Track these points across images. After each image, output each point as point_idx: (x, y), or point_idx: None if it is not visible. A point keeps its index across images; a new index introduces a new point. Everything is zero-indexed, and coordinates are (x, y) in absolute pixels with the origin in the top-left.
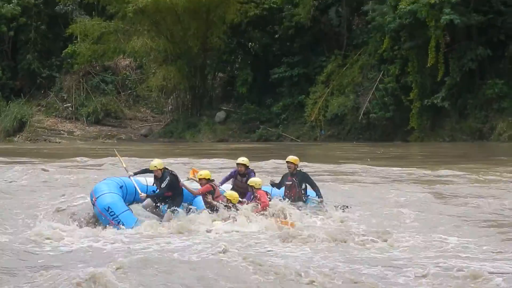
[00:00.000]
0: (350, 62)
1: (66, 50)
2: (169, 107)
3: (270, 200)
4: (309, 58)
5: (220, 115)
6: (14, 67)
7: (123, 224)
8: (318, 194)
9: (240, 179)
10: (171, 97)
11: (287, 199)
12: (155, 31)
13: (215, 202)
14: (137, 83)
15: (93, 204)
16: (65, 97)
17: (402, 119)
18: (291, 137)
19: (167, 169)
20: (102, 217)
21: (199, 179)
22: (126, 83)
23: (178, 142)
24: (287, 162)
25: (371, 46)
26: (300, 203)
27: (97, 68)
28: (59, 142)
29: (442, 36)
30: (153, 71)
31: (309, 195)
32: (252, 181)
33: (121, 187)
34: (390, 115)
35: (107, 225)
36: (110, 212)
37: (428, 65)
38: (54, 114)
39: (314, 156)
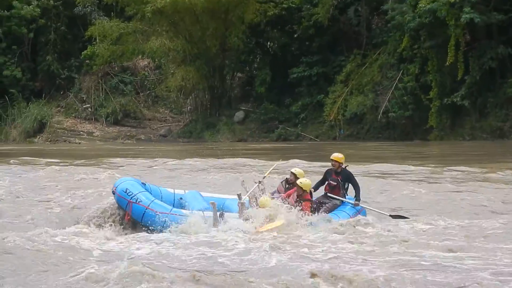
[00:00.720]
0: (369, 62)
1: (86, 51)
2: (188, 107)
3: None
4: (328, 58)
5: (239, 115)
6: (34, 68)
7: (140, 201)
8: (357, 196)
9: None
10: (190, 97)
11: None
12: (174, 32)
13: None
14: (156, 83)
15: (113, 193)
16: (84, 98)
17: (421, 118)
18: (310, 136)
19: None
20: (121, 199)
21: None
22: (145, 83)
23: (197, 142)
24: (331, 159)
25: (391, 45)
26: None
27: (116, 69)
28: (79, 143)
29: (462, 35)
30: (172, 71)
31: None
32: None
33: (143, 184)
34: (410, 114)
35: (125, 208)
36: (128, 192)
37: (447, 63)
38: (73, 115)
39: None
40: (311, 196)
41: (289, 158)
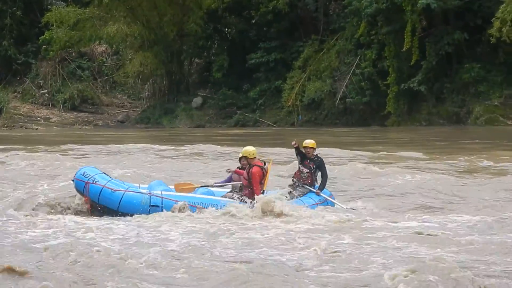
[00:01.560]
0: (327, 47)
1: (43, 36)
2: (146, 93)
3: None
4: (286, 44)
5: (197, 100)
6: None
7: (97, 182)
8: (322, 185)
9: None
10: (148, 83)
11: (295, 182)
12: (131, 17)
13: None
14: (114, 69)
15: (73, 181)
16: (41, 84)
17: (379, 103)
18: (268, 122)
19: None
20: (79, 182)
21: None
22: (103, 69)
23: (155, 128)
24: (306, 147)
25: (348, 31)
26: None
27: (73, 54)
28: (36, 129)
29: (419, 21)
30: (130, 57)
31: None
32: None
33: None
34: (367, 99)
35: (83, 191)
36: (86, 175)
37: (404, 49)
38: (30, 100)
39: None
40: (264, 164)
41: (252, 144)
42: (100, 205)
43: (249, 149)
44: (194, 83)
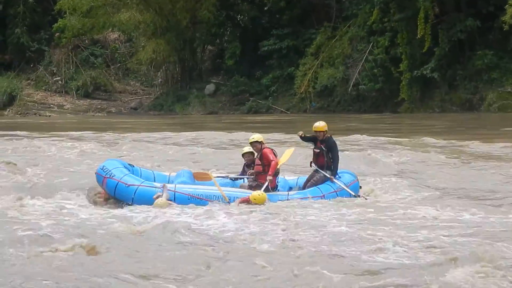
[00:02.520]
0: (340, 34)
1: (57, 24)
2: (159, 80)
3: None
4: (299, 31)
5: (210, 87)
6: (3, 41)
7: (113, 176)
8: (333, 169)
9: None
10: (161, 70)
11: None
12: (144, 4)
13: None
14: (127, 56)
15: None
16: (54, 71)
17: (392, 90)
18: (281, 109)
19: None
20: (98, 176)
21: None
22: (116, 56)
23: (168, 115)
24: (315, 131)
25: (360, 18)
26: (329, 172)
27: (86, 41)
28: (49, 116)
29: (431, 8)
30: (143, 44)
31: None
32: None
33: (125, 167)
34: (380, 86)
35: (101, 185)
36: (104, 169)
37: (418, 36)
38: (43, 88)
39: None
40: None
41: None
42: (117, 199)
43: (255, 135)
44: (206, 70)
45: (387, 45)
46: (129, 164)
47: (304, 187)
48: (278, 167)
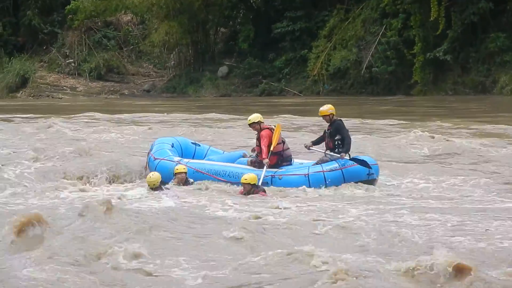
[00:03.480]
0: (353, 16)
1: (69, 6)
2: (172, 63)
3: None
4: (311, 13)
5: (223, 70)
6: (16, 23)
7: (150, 151)
8: (343, 148)
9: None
10: (174, 53)
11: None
12: None
13: None
14: (140, 38)
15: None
16: (67, 53)
17: (404, 73)
18: (294, 91)
19: None
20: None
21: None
22: (128, 38)
23: (181, 97)
24: (321, 116)
25: (373, 0)
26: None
27: (99, 24)
28: (60, 98)
29: None
30: (155, 26)
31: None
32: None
33: (172, 145)
34: (393, 69)
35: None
36: (151, 146)
37: (431, 18)
38: (56, 70)
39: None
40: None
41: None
42: None
43: (252, 116)
44: (219, 53)
45: (400, 27)
46: (193, 143)
47: None
48: (271, 149)
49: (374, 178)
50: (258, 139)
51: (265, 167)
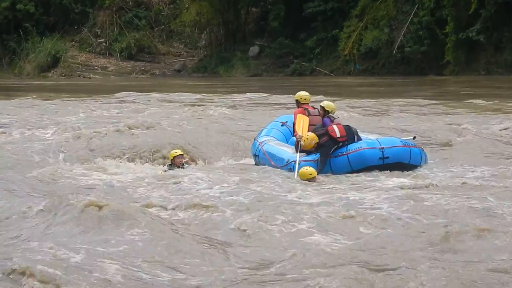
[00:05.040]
0: None
1: None
2: (203, 42)
3: None
4: None
5: (254, 50)
6: (47, 2)
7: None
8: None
9: None
10: (205, 32)
11: None
12: None
13: None
14: (171, 18)
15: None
16: (98, 33)
17: (437, 53)
18: (325, 71)
19: None
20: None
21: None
22: (159, 18)
23: (211, 77)
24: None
25: None
26: None
27: (130, 3)
28: (90, 78)
29: None
30: (186, 6)
31: None
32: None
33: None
34: (425, 49)
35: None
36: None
37: None
38: (87, 49)
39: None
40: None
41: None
42: None
43: (300, 93)
44: (250, 32)
45: (432, 6)
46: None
47: None
48: (300, 132)
49: (390, 163)
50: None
51: (299, 148)
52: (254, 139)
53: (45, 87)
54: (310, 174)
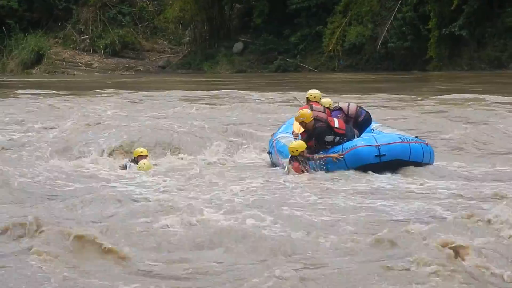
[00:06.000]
0: None
1: None
2: (187, 39)
3: None
4: None
5: (238, 46)
6: None
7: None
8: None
9: None
10: (189, 29)
11: None
12: None
13: None
14: (154, 14)
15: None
16: (82, 29)
17: (420, 48)
18: (309, 67)
19: None
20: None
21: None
22: (143, 14)
23: (196, 73)
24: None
25: None
26: None
27: (114, 0)
28: (74, 74)
29: None
30: (170, 2)
31: None
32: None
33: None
34: (408, 44)
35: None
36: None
37: None
38: (71, 46)
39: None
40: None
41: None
42: None
43: (310, 91)
44: (234, 29)
45: (415, 2)
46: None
47: None
48: (297, 131)
49: (388, 160)
50: None
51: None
52: (271, 136)
53: (40, 83)
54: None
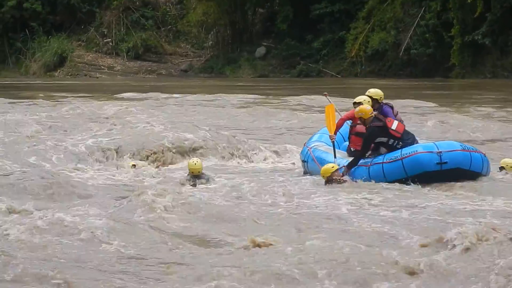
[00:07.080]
0: None
1: None
2: (209, 43)
3: None
4: None
5: (260, 50)
6: (54, 2)
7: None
8: None
9: None
10: (211, 33)
11: None
12: None
13: None
14: (177, 18)
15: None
16: (105, 33)
17: (443, 55)
18: (332, 73)
19: None
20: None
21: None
22: (166, 18)
23: (218, 77)
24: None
25: None
26: None
27: (137, 3)
28: (97, 77)
29: None
30: (193, 6)
31: None
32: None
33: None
34: (431, 51)
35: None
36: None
37: (469, 0)
38: (94, 49)
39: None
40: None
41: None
42: None
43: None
44: (257, 33)
45: (439, 9)
46: None
47: None
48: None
49: (449, 168)
50: None
51: (334, 151)
52: (304, 145)
53: (65, 87)
54: (332, 167)
